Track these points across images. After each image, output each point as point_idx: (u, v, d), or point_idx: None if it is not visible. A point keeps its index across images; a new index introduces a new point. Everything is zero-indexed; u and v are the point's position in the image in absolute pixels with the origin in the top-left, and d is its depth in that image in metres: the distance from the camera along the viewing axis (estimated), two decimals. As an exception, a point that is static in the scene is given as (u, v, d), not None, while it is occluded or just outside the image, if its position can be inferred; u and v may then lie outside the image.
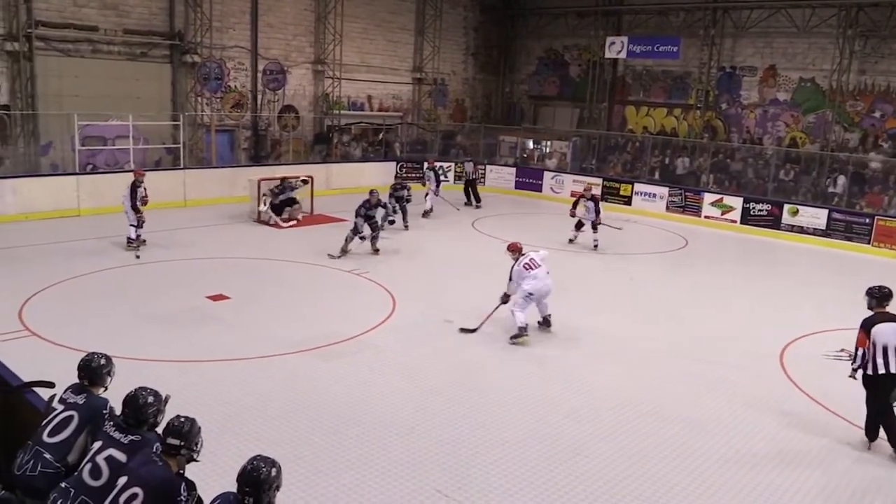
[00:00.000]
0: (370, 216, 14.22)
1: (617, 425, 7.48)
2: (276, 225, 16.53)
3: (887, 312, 7.15)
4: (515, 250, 10.09)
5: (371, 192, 14.46)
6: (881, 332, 6.92)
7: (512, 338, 9.76)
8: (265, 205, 16.73)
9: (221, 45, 20.28)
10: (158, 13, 19.08)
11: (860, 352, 7.03)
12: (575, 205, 16.28)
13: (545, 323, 10.29)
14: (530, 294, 9.80)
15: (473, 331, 10.02)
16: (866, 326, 7.00)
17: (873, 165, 19.89)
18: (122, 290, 11.33)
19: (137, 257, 12.98)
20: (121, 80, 18.21)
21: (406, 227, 16.86)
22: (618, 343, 10.01)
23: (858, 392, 7.80)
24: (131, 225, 13.41)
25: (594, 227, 15.77)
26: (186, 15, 19.34)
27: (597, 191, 18.69)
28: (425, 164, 20.13)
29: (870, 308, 7.22)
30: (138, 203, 13.33)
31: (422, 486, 6.15)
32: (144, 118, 18.23)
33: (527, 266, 9.86)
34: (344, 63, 23.04)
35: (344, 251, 13.86)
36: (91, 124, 17.55)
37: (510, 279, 10.01)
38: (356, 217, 14.07)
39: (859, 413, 7.40)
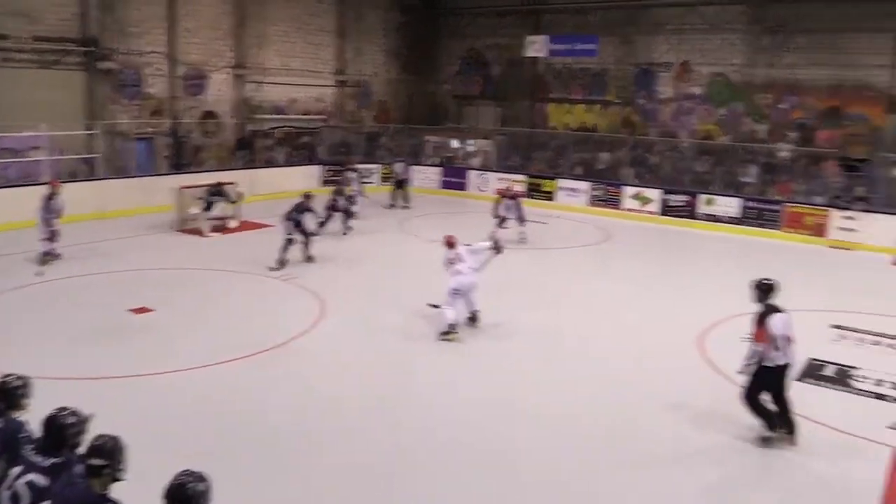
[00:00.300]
0: (298, 221, 13.80)
1: (537, 422, 7.67)
2: (199, 233, 16.23)
3: (774, 304, 7.19)
4: (448, 244, 10.27)
5: (305, 195, 14.23)
6: (773, 324, 6.99)
7: (441, 334, 9.88)
8: (200, 208, 16.41)
9: (138, 51, 19.76)
10: (71, 19, 18.46)
11: (759, 348, 7.03)
12: (497, 206, 16.51)
13: (472, 318, 10.38)
14: (455, 290, 9.94)
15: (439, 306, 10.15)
16: (761, 321, 7.05)
17: (782, 155, 20.80)
18: (39, 307, 10.96)
19: (41, 274, 12.40)
20: (33, 89, 17.49)
21: (346, 230, 16.80)
22: (540, 337, 10.22)
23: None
24: (44, 239, 12.98)
25: (520, 222, 16.08)
26: (101, 20, 18.77)
27: (520, 188, 19.05)
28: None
29: (759, 301, 7.23)
30: (52, 217, 12.91)
31: (360, 489, 6.20)
32: (59, 128, 17.61)
33: (451, 260, 10.02)
34: (265, 67, 22.76)
35: (283, 262, 13.40)
36: (2, 136, 16.87)
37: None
38: (285, 221, 13.72)
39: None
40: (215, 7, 21.72)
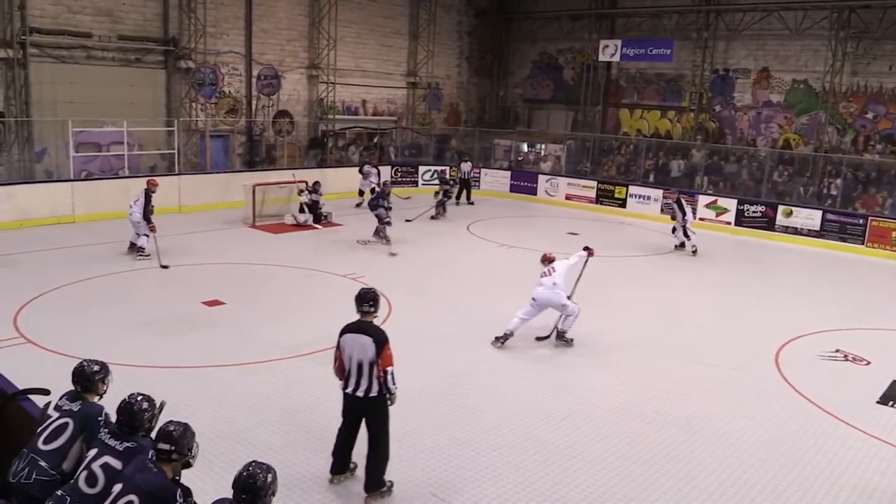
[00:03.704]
0: (378, 205, 15.39)
1: (611, 428, 7.49)
2: (308, 226, 17.20)
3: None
4: (546, 260, 10.11)
5: (384, 183, 16.11)
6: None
7: (496, 338, 9.83)
8: (301, 194, 17.65)
9: (216, 51, 20.28)
10: (153, 19, 19.09)
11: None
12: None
13: (559, 337, 10.00)
14: (533, 299, 9.83)
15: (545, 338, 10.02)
16: None
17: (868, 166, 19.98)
18: (118, 296, 11.32)
19: (166, 266, 12.92)
20: (115, 86, 18.18)
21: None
22: (613, 345, 10.05)
23: (853, 393, 7.85)
24: (144, 235, 13.36)
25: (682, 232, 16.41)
26: (180, 21, 19.35)
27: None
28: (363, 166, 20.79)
29: None
30: (150, 214, 13.28)
31: (418, 490, 6.17)
32: (139, 124, 18.25)
33: (543, 273, 9.92)
34: (338, 68, 23.06)
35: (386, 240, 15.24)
36: (85, 131, 17.55)
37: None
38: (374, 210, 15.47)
39: (855, 412, 7.42)
40: (290, 8, 22.12)
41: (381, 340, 5.90)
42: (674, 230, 16.67)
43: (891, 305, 13.15)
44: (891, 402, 8.48)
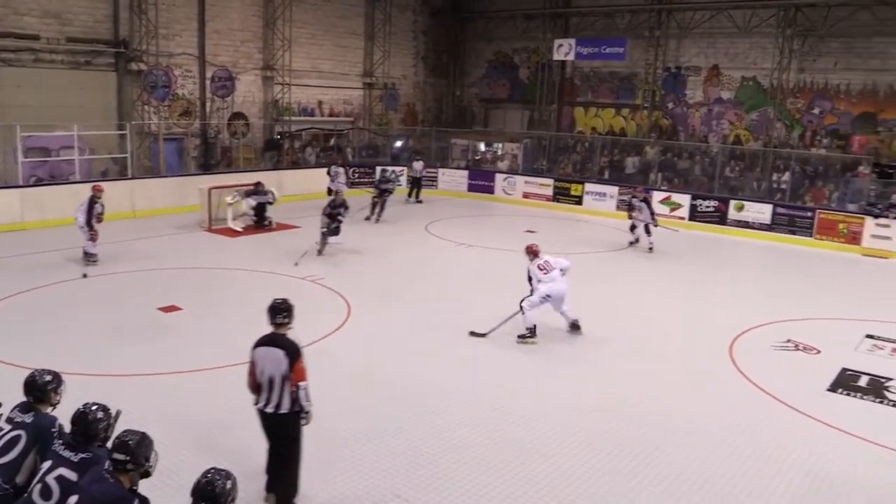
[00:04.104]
0: (334, 215, 14.62)
1: (572, 424, 7.58)
2: (232, 231, 16.47)
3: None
4: (531, 252, 10.20)
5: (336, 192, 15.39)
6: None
7: (519, 337, 9.90)
8: (233, 199, 16.88)
9: (168, 53, 19.97)
10: (103, 21, 18.71)
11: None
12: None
13: (574, 328, 10.28)
14: (548, 296, 9.88)
15: (485, 335, 10.06)
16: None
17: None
18: (70, 304, 11.09)
19: (85, 276, 12.48)
20: (64, 90, 17.80)
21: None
22: (572, 341, 10.15)
23: (804, 381, 8.05)
24: (88, 241, 13.12)
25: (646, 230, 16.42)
26: (131, 22, 19.01)
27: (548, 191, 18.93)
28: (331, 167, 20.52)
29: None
30: (93, 220, 13.05)
31: (381, 490, 6.17)
32: (90, 128, 17.85)
33: (541, 268, 9.96)
34: (293, 69, 22.89)
35: (320, 251, 14.41)
36: (34, 135, 17.12)
37: (529, 279, 10.10)
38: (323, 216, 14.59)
39: (807, 400, 7.62)
40: (244, 9, 21.89)
41: (293, 353, 5.62)
42: (633, 227, 16.78)
43: (839, 295, 13.53)
44: (840, 390, 8.73)
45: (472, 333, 10.15)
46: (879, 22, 19.76)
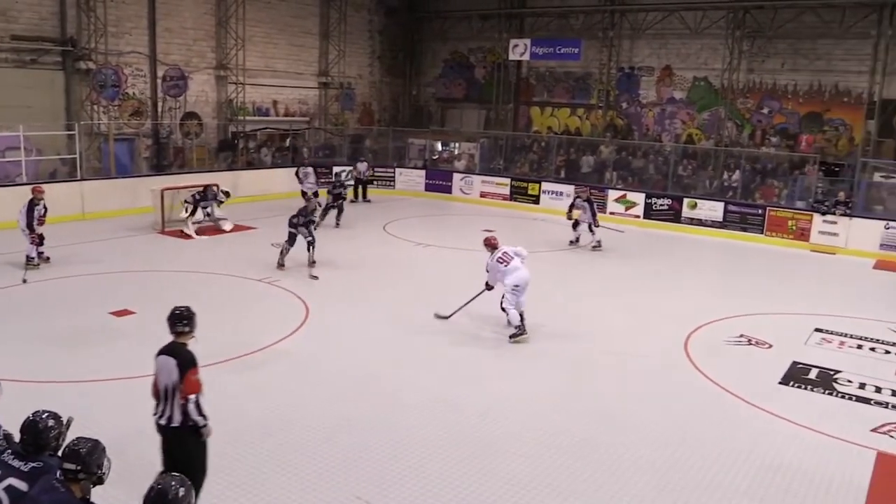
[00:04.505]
0: (309, 222, 13.62)
1: (530, 421, 7.62)
2: (185, 236, 16.05)
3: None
4: (490, 246, 10.27)
5: (309, 198, 14.77)
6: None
7: (511, 337, 9.94)
8: (186, 212, 16.23)
9: (117, 51, 19.55)
10: (49, 18, 18.23)
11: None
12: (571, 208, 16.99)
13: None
14: (516, 286, 9.92)
15: (448, 317, 10.32)
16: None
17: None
18: (17, 309, 10.76)
19: (24, 281, 12.06)
20: (9, 89, 17.26)
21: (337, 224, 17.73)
22: (530, 339, 10.19)
23: (757, 375, 8.21)
24: (30, 244, 12.77)
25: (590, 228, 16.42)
26: (79, 20, 18.55)
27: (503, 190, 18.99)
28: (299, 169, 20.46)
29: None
30: (35, 222, 12.70)
31: (341, 493, 6.12)
32: (36, 128, 17.36)
33: (501, 260, 9.99)
34: (247, 68, 22.60)
35: (281, 265, 13.40)
36: (-22, 136, 16.64)
37: (487, 271, 10.21)
38: (293, 228, 13.42)
39: (760, 393, 7.77)
40: (196, 7, 21.53)
41: (185, 363, 5.40)
42: (575, 225, 16.76)
43: (789, 291, 13.86)
44: (791, 383, 8.94)
45: (437, 315, 10.49)
46: (824, 24, 20.32)
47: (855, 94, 20.49)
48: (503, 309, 10.06)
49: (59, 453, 3.97)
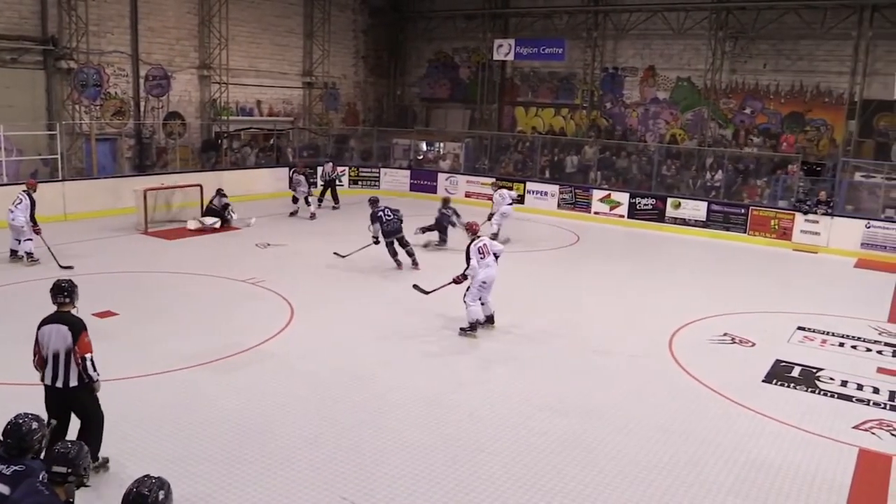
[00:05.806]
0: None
1: (516, 421, 7.63)
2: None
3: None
4: (472, 231, 10.32)
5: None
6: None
7: (461, 329, 9.96)
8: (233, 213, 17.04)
9: (99, 51, 19.38)
10: (29, 17, 18.04)
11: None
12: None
13: (489, 321, 10.36)
14: (484, 282, 9.94)
15: (427, 293, 10.48)
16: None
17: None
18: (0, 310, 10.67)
19: (69, 267, 12.45)
20: (-11, 88, 17.13)
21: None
22: (515, 338, 10.23)
23: (741, 373, 8.25)
24: (28, 239, 12.70)
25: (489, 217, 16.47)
26: (60, 19, 18.37)
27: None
28: (293, 171, 20.17)
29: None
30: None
31: (327, 493, 6.10)
32: (17, 128, 17.19)
33: (480, 251, 9.99)
34: (231, 68, 22.47)
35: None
36: (-43, 136, 16.44)
37: (468, 259, 10.08)
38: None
39: (743, 391, 7.81)
40: (179, 6, 21.39)
41: (77, 328, 5.99)
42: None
43: (772, 289, 13.96)
44: (775, 381, 9.01)
45: (415, 287, 10.73)
46: (806, 25, 20.49)
47: (836, 94, 20.69)
48: (464, 302, 10.08)
49: (42, 456, 3.94)
